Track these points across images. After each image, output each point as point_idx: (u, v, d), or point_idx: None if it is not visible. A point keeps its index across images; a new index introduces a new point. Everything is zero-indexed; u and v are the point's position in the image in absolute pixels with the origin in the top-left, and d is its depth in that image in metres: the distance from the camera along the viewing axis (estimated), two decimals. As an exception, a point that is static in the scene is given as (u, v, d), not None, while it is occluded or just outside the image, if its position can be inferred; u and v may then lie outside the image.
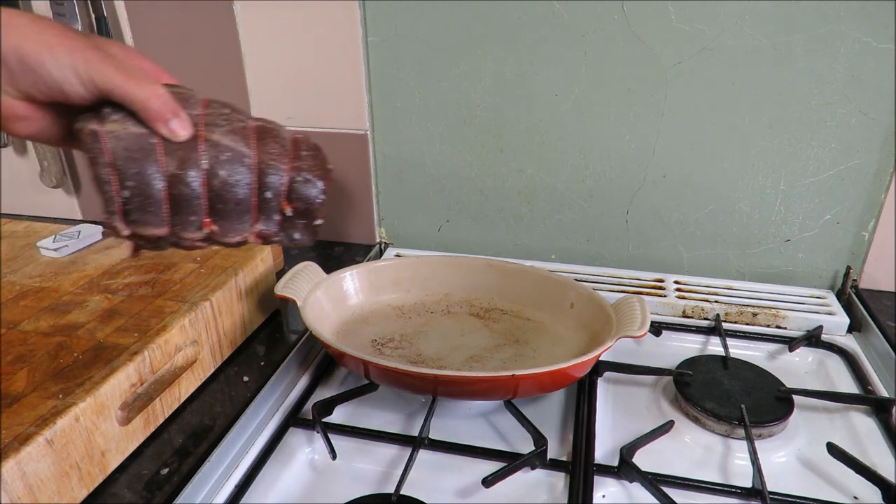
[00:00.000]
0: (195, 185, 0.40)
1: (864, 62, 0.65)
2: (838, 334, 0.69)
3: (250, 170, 0.41)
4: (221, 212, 0.41)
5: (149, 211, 0.40)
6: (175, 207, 0.40)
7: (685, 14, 0.66)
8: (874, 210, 0.71)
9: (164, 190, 0.40)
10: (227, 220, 0.42)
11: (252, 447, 0.53)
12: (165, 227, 0.41)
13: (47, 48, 0.36)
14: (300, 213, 0.43)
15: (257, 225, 0.43)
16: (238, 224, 0.42)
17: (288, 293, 0.60)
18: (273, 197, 0.42)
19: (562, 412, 0.58)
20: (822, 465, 0.52)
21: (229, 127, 0.41)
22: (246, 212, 0.42)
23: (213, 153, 0.40)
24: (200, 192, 0.40)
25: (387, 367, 0.52)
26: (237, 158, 0.40)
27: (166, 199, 0.40)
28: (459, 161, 0.80)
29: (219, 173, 0.40)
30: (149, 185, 0.39)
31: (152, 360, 0.51)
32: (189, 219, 0.41)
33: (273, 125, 0.44)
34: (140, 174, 0.39)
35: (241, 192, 0.41)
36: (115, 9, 0.81)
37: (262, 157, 0.41)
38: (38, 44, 0.36)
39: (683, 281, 0.77)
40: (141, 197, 0.39)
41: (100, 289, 0.60)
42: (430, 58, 0.75)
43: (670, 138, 0.73)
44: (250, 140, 0.42)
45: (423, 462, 0.51)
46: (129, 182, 0.39)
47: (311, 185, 0.43)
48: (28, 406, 0.43)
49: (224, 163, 0.40)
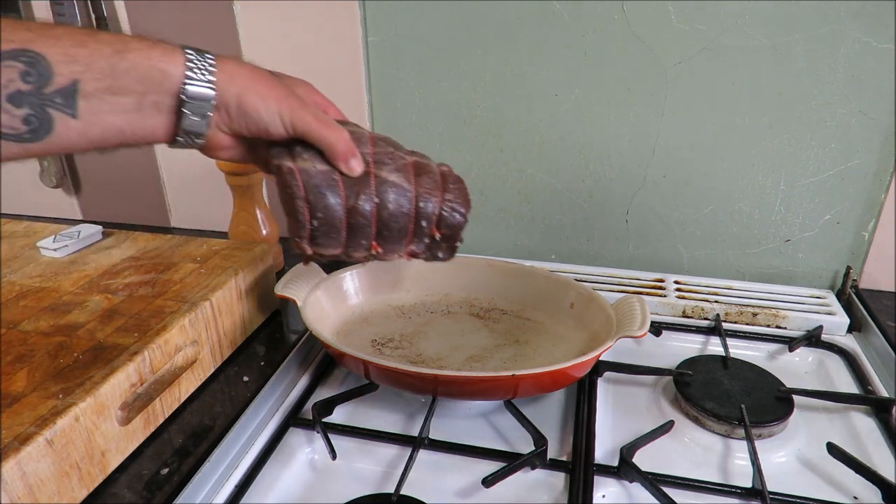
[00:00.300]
0: (368, 215, 0.48)
1: (864, 62, 0.65)
2: (838, 334, 0.69)
3: (410, 202, 0.49)
4: (386, 237, 0.50)
5: (331, 236, 0.48)
6: (350, 233, 0.49)
7: (685, 14, 0.66)
8: (874, 210, 0.71)
9: (344, 219, 0.48)
10: (389, 243, 0.50)
11: (252, 447, 0.53)
12: (341, 249, 0.49)
13: (262, 98, 0.43)
14: (445, 237, 0.52)
15: (410, 246, 0.52)
16: (397, 246, 0.51)
17: (288, 293, 0.60)
18: (426, 225, 0.50)
19: (562, 412, 0.58)
20: (822, 465, 0.51)
21: (394, 165, 0.50)
22: (404, 236, 0.50)
23: (383, 188, 0.48)
24: (371, 221, 0.49)
25: (387, 367, 0.52)
26: (401, 193, 0.49)
27: (345, 226, 0.48)
28: (459, 161, 0.80)
29: (387, 206, 0.49)
30: (333, 216, 0.47)
31: (152, 360, 0.51)
32: (361, 242, 0.49)
33: (426, 160, 0.52)
34: (327, 207, 0.47)
35: (403, 221, 0.50)
36: (115, 9, 0.81)
37: (419, 191, 0.50)
38: (255, 94, 0.43)
39: (683, 281, 0.77)
40: (326, 226, 0.48)
41: (100, 289, 0.60)
42: (430, 58, 0.75)
43: (670, 138, 0.73)
44: (410, 176, 0.50)
45: (423, 462, 0.51)
46: (318, 213, 0.47)
47: (457, 214, 0.51)
48: (28, 406, 0.43)
49: (391, 197, 0.49)
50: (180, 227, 0.94)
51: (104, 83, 0.38)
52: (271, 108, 0.44)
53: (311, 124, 0.45)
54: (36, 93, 0.36)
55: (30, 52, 0.36)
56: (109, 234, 0.72)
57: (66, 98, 0.37)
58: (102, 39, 0.39)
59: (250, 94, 0.43)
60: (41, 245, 0.67)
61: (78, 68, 0.37)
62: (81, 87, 0.38)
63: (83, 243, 0.68)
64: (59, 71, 0.37)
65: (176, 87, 0.41)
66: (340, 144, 0.47)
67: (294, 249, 0.49)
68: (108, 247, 0.69)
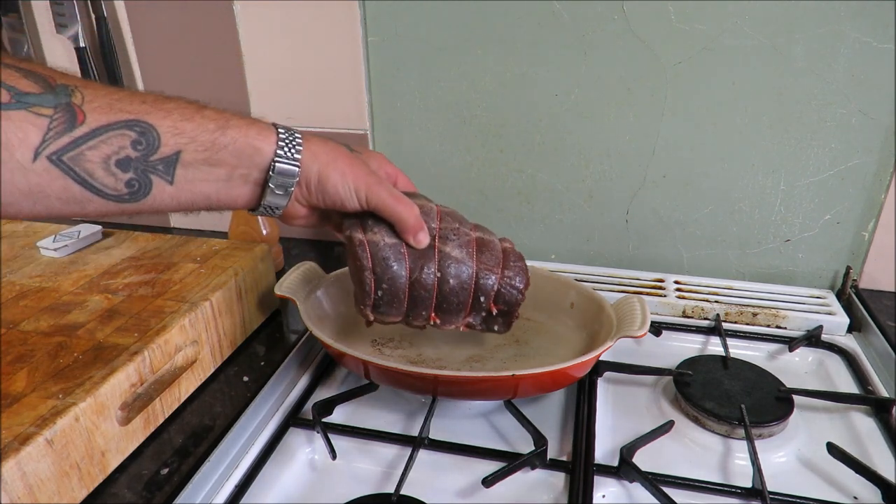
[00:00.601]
0: (430, 288, 0.51)
1: (864, 62, 0.65)
2: (838, 334, 0.69)
3: (470, 278, 0.52)
4: (445, 309, 0.52)
5: (393, 306, 0.51)
6: (411, 304, 0.52)
7: (685, 14, 0.66)
8: (874, 210, 0.71)
9: (406, 291, 0.51)
10: (448, 315, 0.53)
11: (252, 447, 0.53)
12: (401, 317, 0.52)
13: (341, 175, 0.47)
14: (502, 312, 0.54)
15: (467, 318, 0.54)
16: (455, 318, 0.53)
17: (288, 293, 0.60)
18: (484, 300, 0.53)
19: (562, 412, 0.58)
20: (822, 465, 0.51)
21: (458, 241, 0.52)
22: (463, 310, 0.53)
23: (445, 263, 0.51)
24: (432, 294, 0.51)
25: (387, 367, 0.52)
26: (462, 269, 0.52)
27: (406, 297, 0.51)
28: (459, 161, 0.80)
29: (448, 280, 0.51)
30: (397, 287, 0.50)
31: (152, 360, 0.51)
32: (420, 313, 0.52)
33: (489, 236, 0.55)
34: (392, 279, 0.50)
35: (462, 295, 0.52)
36: (115, 9, 0.81)
37: (479, 268, 0.52)
38: (335, 171, 0.47)
39: (683, 281, 0.77)
40: (390, 296, 0.51)
41: (100, 289, 0.60)
42: (430, 58, 0.75)
43: (670, 138, 0.73)
44: (472, 251, 0.52)
45: (423, 462, 0.51)
46: (383, 285, 0.50)
47: (515, 291, 0.53)
48: (28, 406, 0.43)
49: (452, 272, 0.51)
50: (180, 227, 0.94)
51: (203, 155, 0.42)
52: (348, 185, 0.47)
53: (386, 200, 0.49)
54: (142, 160, 0.40)
55: (143, 123, 0.39)
56: (109, 233, 0.72)
57: (167, 166, 0.41)
58: (208, 115, 0.42)
59: (330, 171, 0.47)
60: (41, 245, 0.67)
61: (183, 140, 0.41)
62: (182, 157, 0.41)
63: (83, 243, 0.68)
64: (165, 142, 0.40)
65: (266, 162, 0.45)
66: (411, 219, 0.50)
67: (356, 312, 0.53)
68: (108, 247, 0.69)
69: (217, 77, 0.81)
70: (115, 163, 0.39)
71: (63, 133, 0.37)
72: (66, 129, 0.37)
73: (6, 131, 0.35)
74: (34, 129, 0.36)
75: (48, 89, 0.37)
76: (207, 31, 0.79)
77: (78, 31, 0.80)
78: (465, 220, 0.55)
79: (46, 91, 0.36)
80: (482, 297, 0.53)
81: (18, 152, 0.36)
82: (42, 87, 0.36)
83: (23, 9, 0.82)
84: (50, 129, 0.36)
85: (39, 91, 0.36)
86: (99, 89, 0.39)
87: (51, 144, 0.36)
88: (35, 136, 0.36)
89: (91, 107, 0.38)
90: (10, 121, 0.35)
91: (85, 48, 0.81)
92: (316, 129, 0.82)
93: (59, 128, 0.37)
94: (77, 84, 0.38)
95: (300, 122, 0.82)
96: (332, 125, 0.81)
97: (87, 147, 0.38)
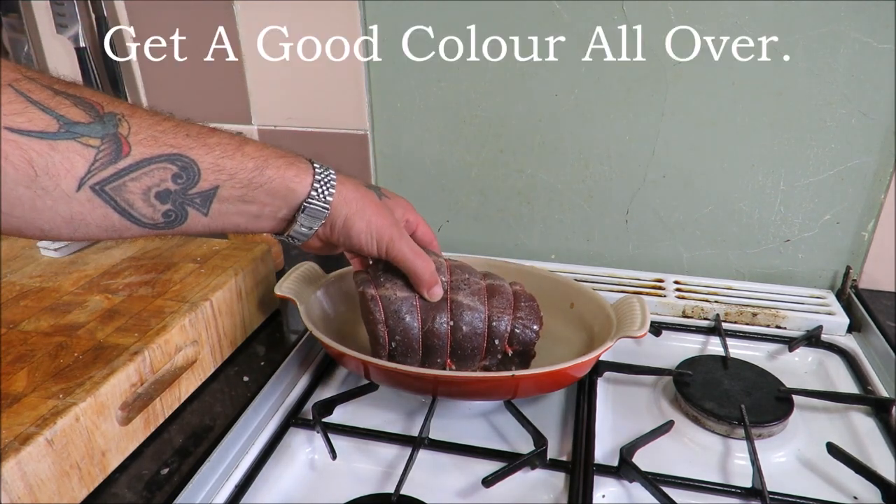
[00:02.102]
0: (444, 336, 0.53)
1: (864, 62, 0.65)
2: (838, 334, 0.69)
3: (483, 322, 0.53)
4: (460, 355, 0.54)
5: (408, 355, 0.53)
6: (426, 352, 0.53)
7: (685, 14, 0.66)
8: (874, 210, 0.71)
9: (420, 340, 0.53)
10: (463, 360, 0.54)
11: (252, 447, 0.53)
12: (416, 365, 0.54)
13: (366, 224, 0.49)
14: (518, 353, 0.55)
15: (483, 362, 0.55)
16: (471, 362, 0.54)
17: (288, 293, 0.60)
18: (499, 343, 0.54)
19: (562, 412, 0.58)
20: (821, 465, 0.51)
21: (468, 290, 0.54)
22: (478, 354, 0.54)
23: (457, 311, 0.53)
24: (446, 342, 0.53)
25: (387, 367, 0.52)
26: (474, 315, 0.53)
27: (421, 346, 0.53)
28: (459, 161, 0.80)
29: (461, 328, 0.53)
30: (410, 338, 0.52)
31: (152, 360, 0.51)
32: (436, 360, 0.54)
33: (499, 282, 0.57)
34: (405, 331, 0.52)
35: (476, 341, 0.53)
36: (116, 9, 0.81)
37: (491, 312, 0.54)
38: (361, 219, 0.48)
39: (683, 281, 0.77)
40: (404, 346, 0.53)
41: (100, 289, 0.60)
42: (431, 58, 0.75)
43: (670, 138, 0.73)
44: (483, 298, 0.54)
45: (423, 462, 0.51)
46: (397, 336, 0.52)
47: (528, 331, 0.54)
48: (28, 406, 0.43)
49: (465, 319, 0.53)
50: (180, 227, 0.94)
51: (239, 192, 0.43)
52: (372, 234, 0.49)
53: (406, 254, 0.51)
54: (181, 193, 0.41)
55: (185, 158, 0.40)
56: (109, 234, 0.71)
57: (204, 200, 0.42)
58: (248, 153, 0.43)
59: (357, 219, 0.48)
60: (41, 245, 0.67)
61: (222, 177, 0.42)
62: (219, 193, 0.42)
63: (83, 243, 0.68)
64: (205, 177, 0.41)
65: (298, 202, 0.46)
66: (426, 275, 0.52)
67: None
68: (108, 247, 0.69)
69: (217, 77, 0.81)
70: (155, 194, 0.39)
71: (108, 164, 0.37)
72: (112, 160, 0.37)
73: (53, 161, 0.35)
74: (81, 159, 0.36)
75: (96, 118, 0.37)
76: (207, 32, 0.79)
77: (78, 31, 0.80)
78: (475, 271, 0.57)
79: (95, 121, 0.37)
80: (496, 339, 0.54)
81: (64, 182, 0.36)
82: (91, 116, 0.37)
83: (23, 9, 0.82)
84: (96, 161, 0.37)
85: (88, 121, 0.36)
86: (145, 118, 0.39)
87: (95, 175, 0.37)
88: (81, 167, 0.36)
89: (136, 139, 0.38)
90: (57, 151, 0.35)
91: (85, 48, 0.81)
92: (316, 130, 0.82)
93: (105, 159, 0.37)
94: (124, 112, 0.38)
95: (300, 122, 0.82)
96: (332, 125, 0.81)
97: (130, 178, 0.38)
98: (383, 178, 0.83)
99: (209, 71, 0.81)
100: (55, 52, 0.85)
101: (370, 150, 0.82)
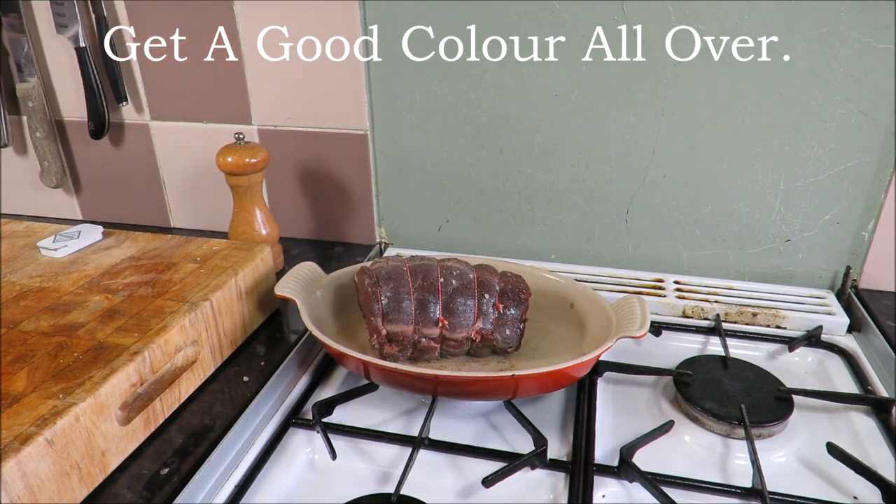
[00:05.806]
0: (434, 290, 0.57)
1: (864, 62, 0.65)
2: (838, 334, 0.69)
3: (472, 281, 0.58)
4: (452, 310, 0.57)
5: (401, 311, 0.56)
6: (419, 307, 0.57)
7: (685, 14, 0.66)
8: (874, 210, 0.71)
9: (412, 295, 0.57)
10: (456, 318, 0.57)
11: (252, 447, 0.53)
12: (411, 325, 0.57)
13: None
14: (509, 312, 0.58)
15: (478, 323, 0.57)
16: (464, 321, 0.57)
17: (288, 293, 0.60)
18: (489, 299, 0.58)
19: (562, 412, 0.58)
20: (822, 465, 0.52)
21: (457, 261, 0.60)
22: (470, 311, 0.57)
23: (447, 272, 0.58)
24: (438, 296, 0.57)
25: (387, 367, 0.52)
26: (464, 275, 0.58)
27: (413, 302, 0.57)
28: (459, 161, 0.80)
29: (451, 282, 0.57)
30: (400, 293, 0.56)
31: (152, 360, 0.51)
32: (429, 315, 0.57)
33: (487, 265, 0.61)
34: (396, 287, 0.57)
35: (467, 293, 0.57)
36: (115, 9, 0.81)
37: (480, 274, 0.59)
38: None
39: (683, 281, 0.77)
40: (395, 302, 0.56)
41: (100, 289, 0.60)
42: (431, 58, 0.75)
43: (670, 138, 0.73)
44: (471, 267, 0.60)
45: (423, 462, 0.51)
46: (388, 293, 0.56)
47: (517, 291, 0.59)
48: (28, 406, 0.43)
49: (454, 277, 0.58)
50: (180, 227, 0.94)
51: None
52: None
53: None
54: None
55: None
56: (109, 234, 0.72)
57: None
58: None
59: None
60: (41, 245, 0.67)
61: None
62: None
63: (83, 243, 0.68)
64: None
65: None
66: None
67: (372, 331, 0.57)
68: (108, 247, 0.69)
69: (217, 77, 0.81)
70: None
71: None
72: None
73: None
74: None
75: None
76: (207, 32, 0.79)
77: (78, 31, 0.80)
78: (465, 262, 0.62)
79: None
80: (486, 294, 0.57)
81: None
82: None
83: (23, 9, 0.82)
84: None
85: None
86: None
87: None
88: None
89: None
90: None
91: (85, 48, 0.81)
92: (316, 130, 0.82)
93: None
94: None
95: (300, 122, 0.82)
96: (332, 125, 0.81)
97: None
98: (383, 178, 0.83)
99: (209, 71, 0.81)
100: (55, 52, 0.85)
101: (370, 150, 0.82)
